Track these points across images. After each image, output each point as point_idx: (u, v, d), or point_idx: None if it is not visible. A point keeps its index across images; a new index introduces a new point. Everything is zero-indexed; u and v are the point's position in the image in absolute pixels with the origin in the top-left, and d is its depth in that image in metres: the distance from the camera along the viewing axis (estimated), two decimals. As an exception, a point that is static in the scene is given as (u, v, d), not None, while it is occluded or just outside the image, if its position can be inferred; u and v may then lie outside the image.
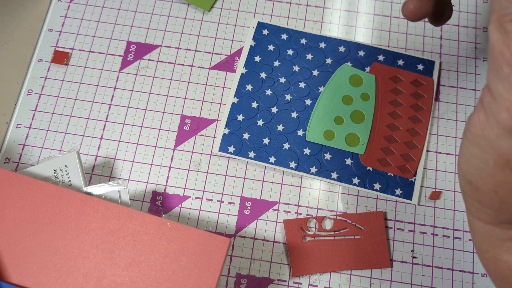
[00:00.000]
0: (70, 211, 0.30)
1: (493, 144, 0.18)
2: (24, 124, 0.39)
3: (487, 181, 0.19)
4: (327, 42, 0.41)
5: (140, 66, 0.40)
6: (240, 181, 0.37)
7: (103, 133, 0.39)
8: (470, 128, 0.19)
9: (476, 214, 0.21)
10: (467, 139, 0.20)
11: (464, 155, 0.20)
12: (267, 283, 0.35)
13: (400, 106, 0.39)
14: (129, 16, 0.42)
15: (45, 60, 0.41)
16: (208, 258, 0.29)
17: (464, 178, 0.21)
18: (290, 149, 0.38)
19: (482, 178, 0.19)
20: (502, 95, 0.17)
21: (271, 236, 0.36)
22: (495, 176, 0.19)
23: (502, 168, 0.18)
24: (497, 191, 0.19)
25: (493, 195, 0.19)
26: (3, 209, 0.30)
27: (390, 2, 0.42)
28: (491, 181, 0.19)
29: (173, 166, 0.38)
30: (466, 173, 0.20)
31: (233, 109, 0.39)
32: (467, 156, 0.20)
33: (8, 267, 0.29)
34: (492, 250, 0.21)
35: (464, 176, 0.20)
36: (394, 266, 0.35)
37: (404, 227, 0.36)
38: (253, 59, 0.40)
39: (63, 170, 0.33)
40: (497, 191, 0.19)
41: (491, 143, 0.18)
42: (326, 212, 0.36)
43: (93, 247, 0.29)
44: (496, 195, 0.19)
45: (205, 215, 0.36)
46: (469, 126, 0.20)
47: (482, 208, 0.20)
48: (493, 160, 0.18)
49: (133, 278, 0.29)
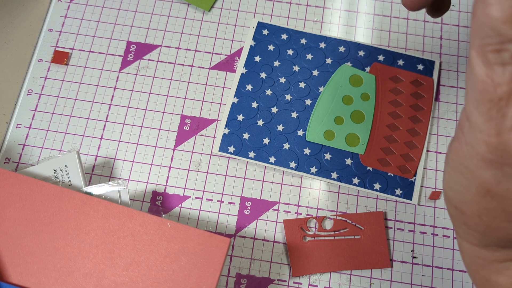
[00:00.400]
0: (70, 211, 0.30)
1: (474, 174, 0.18)
2: (24, 124, 0.39)
3: (471, 207, 0.19)
4: (327, 42, 0.41)
5: (140, 66, 0.40)
6: (240, 181, 0.37)
7: (103, 133, 0.39)
8: (451, 156, 0.19)
9: (464, 236, 0.21)
10: (449, 165, 0.20)
11: (447, 180, 0.20)
12: (267, 283, 0.35)
13: (400, 106, 0.39)
14: (129, 16, 0.42)
15: (45, 60, 0.41)
16: (208, 258, 0.29)
17: (449, 203, 0.20)
18: (290, 149, 0.38)
19: (466, 204, 0.19)
20: (481, 129, 0.17)
21: (271, 236, 0.36)
22: (478, 203, 0.19)
23: (483, 196, 0.18)
24: (481, 217, 0.19)
25: (478, 219, 0.19)
26: (3, 209, 0.30)
27: (390, 2, 0.42)
28: (474, 207, 0.19)
29: (173, 166, 0.38)
30: (450, 198, 0.20)
31: (233, 109, 0.39)
32: (450, 182, 0.20)
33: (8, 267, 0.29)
34: (481, 271, 0.21)
35: (449, 201, 0.20)
36: (394, 266, 0.35)
37: (404, 227, 0.36)
38: (253, 59, 0.40)
39: (63, 170, 0.33)
40: (481, 216, 0.19)
41: (472, 173, 0.18)
42: (326, 212, 0.36)
43: (93, 247, 0.29)
44: (481, 220, 0.19)
45: (205, 215, 0.36)
46: (450, 154, 0.19)
47: (468, 231, 0.20)
48: (475, 188, 0.18)
49: (133, 278, 0.29)
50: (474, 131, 0.17)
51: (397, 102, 0.39)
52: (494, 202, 0.18)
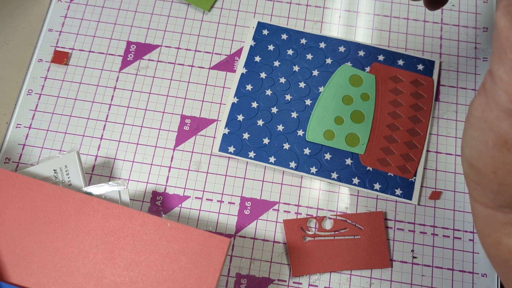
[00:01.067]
0: (70, 211, 0.30)
1: (492, 126, 0.19)
2: (24, 124, 0.39)
3: (487, 162, 0.20)
4: (327, 42, 0.41)
5: (140, 66, 0.40)
6: (240, 181, 0.37)
7: (103, 133, 0.39)
8: (471, 111, 0.20)
9: (478, 198, 0.22)
10: (469, 122, 0.20)
11: (466, 138, 0.21)
12: (267, 283, 0.35)
13: (400, 106, 0.39)
14: (129, 16, 0.42)
15: (45, 60, 0.41)
16: (208, 258, 0.29)
17: (466, 161, 0.21)
18: (290, 149, 0.38)
19: (482, 159, 0.20)
20: (503, 79, 0.18)
21: (271, 236, 0.36)
22: (494, 157, 0.19)
23: (500, 148, 0.19)
24: (496, 172, 0.20)
25: (493, 176, 0.20)
26: (3, 209, 0.30)
27: (390, 2, 0.42)
28: (490, 162, 0.20)
29: (173, 166, 0.38)
30: (467, 156, 0.21)
31: (233, 109, 0.39)
32: (468, 139, 0.21)
33: (8, 267, 0.29)
34: (493, 234, 0.22)
35: (466, 159, 0.21)
36: (394, 266, 0.35)
37: (404, 227, 0.36)
38: (253, 59, 0.40)
39: (63, 170, 0.33)
40: (496, 172, 0.20)
41: (491, 125, 0.19)
42: (326, 212, 0.36)
43: (93, 247, 0.29)
44: (496, 176, 0.20)
45: (205, 215, 0.36)
46: (471, 110, 0.20)
47: (483, 192, 0.21)
48: (492, 141, 0.19)
49: (133, 278, 0.29)
50: (495, 83, 0.18)
51: (397, 102, 0.39)
52: (510, 154, 0.19)
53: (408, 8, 0.42)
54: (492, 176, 0.20)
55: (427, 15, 0.42)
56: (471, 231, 0.36)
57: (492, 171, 0.20)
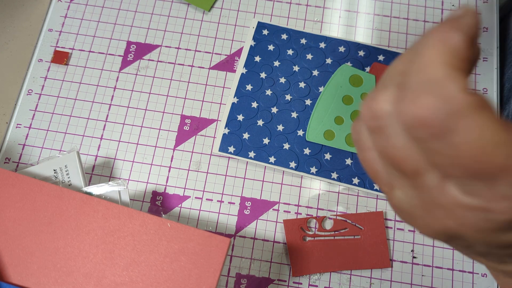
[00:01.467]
0: (70, 211, 0.30)
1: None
2: (24, 124, 0.39)
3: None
4: (327, 42, 0.41)
5: (140, 66, 0.40)
6: (240, 181, 0.37)
7: (103, 133, 0.39)
8: None
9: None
10: None
11: None
12: (267, 283, 0.35)
13: (400, 106, 0.39)
14: (129, 16, 0.42)
15: (45, 60, 0.41)
16: (208, 258, 0.29)
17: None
18: (290, 149, 0.38)
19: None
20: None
21: (271, 236, 0.36)
22: None
23: None
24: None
25: None
26: (3, 209, 0.30)
27: (390, 2, 0.42)
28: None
29: (173, 166, 0.38)
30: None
31: (233, 109, 0.39)
32: None
33: (8, 267, 0.29)
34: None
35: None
36: (394, 266, 0.35)
37: (404, 227, 0.36)
38: (253, 59, 0.40)
39: (63, 170, 0.33)
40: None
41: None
42: (326, 212, 0.36)
43: (93, 247, 0.29)
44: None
45: (205, 215, 0.36)
46: None
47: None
48: None
49: (133, 278, 0.29)
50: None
51: (397, 102, 0.39)
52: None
53: (408, 8, 0.42)
54: None
55: (427, 15, 0.42)
56: (471, 231, 0.36)
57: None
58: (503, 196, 0.14)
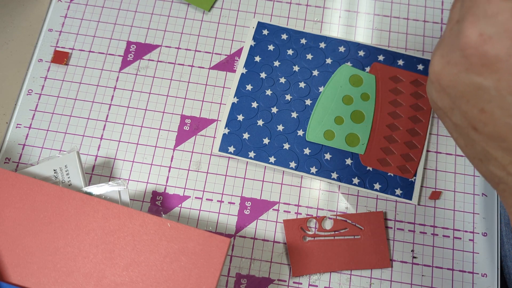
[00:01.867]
0: (70, 211, 0.30)
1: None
2: (24, 124, 0.39)
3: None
4: (327, 42, 0.41)
5: (140, 66, 0.40)
6: (240, 181, 0.37)
7: (103, 133, 0.39)
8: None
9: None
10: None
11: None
12: (267, 283, 0.35)
13: (400, 106, 0.39)
14: (129, 16, 0.42)
15: (45, 60, 0.41)
16: (208, 258, 0.29)
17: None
18: (290, 149, 0.38)
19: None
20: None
21: (271, 236, 0.36)
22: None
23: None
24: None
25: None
26: (3, 209, 0.30)
27: (390, 2, 0.42)
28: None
29: (173, 166, 0.38)
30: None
31: (233, 109, 0.39)
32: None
33: (8, 267, 0.29)
34: None
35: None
36: (394, 266, 0.35)
37: (404, 227, 0.36)
38: (253, 59, 0.40)
39: (63, 170, 0.33)
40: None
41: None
42: (326, 212, 0.36)
43: (93, 247, 0.29)
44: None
45: (205, 215, 0.36)
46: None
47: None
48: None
49: (133, 278, 0.29)
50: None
51: (397, 102, 0.39)
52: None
53: (408, 8, 0.42)
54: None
55: (427, 15, 0.42)
56: (471, 231, 0.36)
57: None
58: None
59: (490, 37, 0.18)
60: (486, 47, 0.18)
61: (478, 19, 0.18)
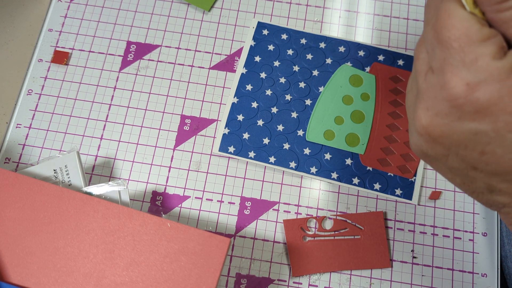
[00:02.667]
0: (70, 211, 0.30)
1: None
2: (24, 124, 0.39)
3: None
4: (327, 42, 0.41)
5: (140, 66, 0.40)
6: (240, 181, 0.37)
7: (103, 133, 0.39)
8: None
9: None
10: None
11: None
12: (267, 283, 0.35)
13: (400, 106, 0.39)
14: (129, 16, 0.42)
15: (45, 60, 0.41)
16: (208, 258, 0.29)
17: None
18: (290, 149, 0.38)
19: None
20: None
21: (271, 236, 0.36)
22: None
23: None
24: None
25: None
26: (3, 209, 0.30)
27: (390, 2, 0.42)
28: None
29: (173, 166, 0.38)
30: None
31: (233, 109, 0.39)
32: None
33: (8, 267, 0.29)
34: None
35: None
36: (394, 266, 0.35)
37: (404, 227, 0.36)
38: (253, 59, 0.40)
39: (63, 170, 0.33)
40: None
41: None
42: (326, 212, 0.36)
43: (93, 247, 0.29)
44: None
45: (205, 215, 0.36)
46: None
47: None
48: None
49: (133, 278, 0.29)
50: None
51: (397, 102, 0.39)
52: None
53: (408, 8, 0.42)
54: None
55: (427, 15, 0.42)
56: (471, 231, 0.36)
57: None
58: None
59: (477, 84, 0.18)
60: (476, 95, 0.18)
61: (458, 69, 0.18)
